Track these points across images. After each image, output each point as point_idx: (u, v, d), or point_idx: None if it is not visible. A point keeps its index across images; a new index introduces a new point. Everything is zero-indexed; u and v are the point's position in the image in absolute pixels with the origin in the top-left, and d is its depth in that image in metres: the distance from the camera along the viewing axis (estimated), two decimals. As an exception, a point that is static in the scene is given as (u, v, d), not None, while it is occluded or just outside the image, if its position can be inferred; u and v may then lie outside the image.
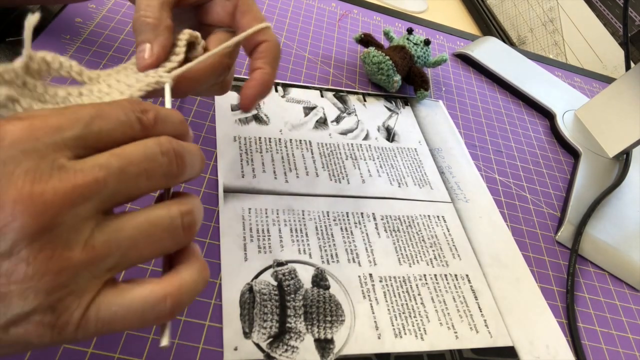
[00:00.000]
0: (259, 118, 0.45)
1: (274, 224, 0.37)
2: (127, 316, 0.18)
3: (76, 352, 0.27)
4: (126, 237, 0.18)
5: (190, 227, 0.20)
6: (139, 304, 0.18)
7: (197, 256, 0.21)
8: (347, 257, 0.37)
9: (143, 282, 0.19)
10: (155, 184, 0.19)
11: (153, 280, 0.19)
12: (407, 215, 0.42)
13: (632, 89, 0.57)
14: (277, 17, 0.59)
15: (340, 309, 0.34)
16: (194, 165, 0.21)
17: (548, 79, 0.67)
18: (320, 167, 0.43)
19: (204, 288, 0.19)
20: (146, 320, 0.19)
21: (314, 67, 0.54)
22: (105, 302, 0.18)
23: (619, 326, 0.41)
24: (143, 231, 0.18)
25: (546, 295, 0.40)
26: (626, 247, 0.47)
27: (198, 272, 0.20)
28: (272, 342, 0.30)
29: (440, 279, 0.38)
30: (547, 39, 1.67)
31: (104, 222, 0.18)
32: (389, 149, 0.47)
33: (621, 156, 0.57)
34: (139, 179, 0.18)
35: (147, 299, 0.18)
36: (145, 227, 0.18)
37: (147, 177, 0.19)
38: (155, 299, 0.19)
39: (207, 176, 0.39)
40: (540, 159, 0.55)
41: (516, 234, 0.45)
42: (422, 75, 0.53)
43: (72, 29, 0.45)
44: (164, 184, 0.20)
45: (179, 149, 0.20)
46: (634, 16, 0.59)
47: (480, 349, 0.35)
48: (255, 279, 0.33)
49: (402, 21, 0.69)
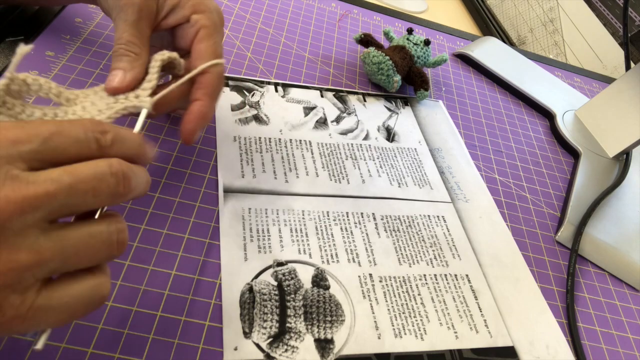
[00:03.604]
0: (259, 118, 0.45)
1: (274, 224, 0.37)
2: (62, 308, 0.20)
3: (76, 352, 0.27)
4: (69, 245, 0.20)
5: (123, 244, 0.22)
6: (72, 297, 0.21)
7: (102, 271, 0.22)
8: (347, 257, 0.37)
9: (75, 279, 0.21)
10: (101, 201, 0.21)
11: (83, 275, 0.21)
12: (407, 215, 0.42)
13: (632, 89, 0.57)
14: (277, 17, 0.59)
15: (340, 309, 0.34)
16: (139, 187, 0.23)
17: (548, 79, 0.67)
18: (320, 167, 0.43)
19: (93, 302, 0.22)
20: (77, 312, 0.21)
21: (314, 67, 0.54)
22: (45, 297, 0.20)
23: (619, 326, 0.41)
24: (84, 242, 0.20)
25: (546, 295, 0.40)
26: (626, 247, 0.47)
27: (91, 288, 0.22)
28: (272, 342, 0.30)
29: (440, 279, 0.38)
30: (547, 39, 1.67)
31: (50, 230, 0.19)
32: (389, 149, 0.47)
33: (621, 156, 0.57)
34: (86, 196, 0.20)
35: (82, 292, 0.21)
36: (86, 238, 0.21)
37: (94, 194, 0.20)
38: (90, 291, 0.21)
39: (207, 176, 0.39)
40: (540, 159, 0.55)
41: (516, 234, 0.45)
42: (422, 75, 0.53)
43: (72, 29, 0.45)
44: (109, 202, 0.22)
45: (128, 172, 0.22)
46: (634, 16, 0.59)
47: (480, 349, 0.35)
48: (255, 279, 0.33)
49: (402, 21, 0.69)
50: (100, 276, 0.22)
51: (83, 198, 0.20)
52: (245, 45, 0.52)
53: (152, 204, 0.35)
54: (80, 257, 0.20)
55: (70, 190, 0.19)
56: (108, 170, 0.21)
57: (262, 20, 0.57)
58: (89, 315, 0.28)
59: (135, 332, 0.29)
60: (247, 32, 0.54)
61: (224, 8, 0.56)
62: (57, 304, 0.20)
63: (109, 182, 0.21)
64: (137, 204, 0.35)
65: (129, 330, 0.29)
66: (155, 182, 0.37)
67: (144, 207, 0.35)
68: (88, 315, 0.23)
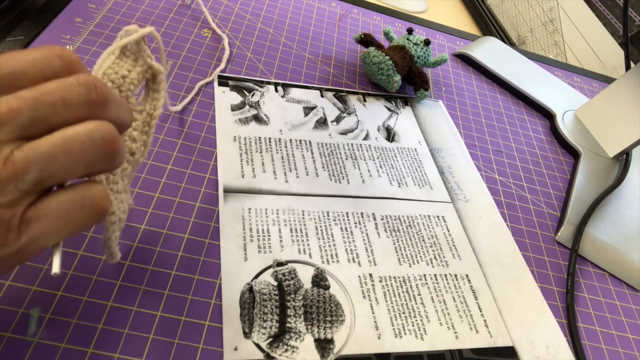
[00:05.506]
0: (259, 118, 0.45)
1: (274, 224, 0.37)
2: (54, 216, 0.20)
3: (76, 352, 0.27)
4: (44, 152, 0.19)
5: (112, 141, 0.21)
6: (62, 203, 0.21)
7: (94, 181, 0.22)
8: (347, 257, 0.37)
9: (65, 189, 0.21)
10: (75, 111, 0.20)
11: (74, 185, 0.22)
12: (407, 215, 0.42)
13: (632, 89, 0.57)
14: (277, 17, 0.59)
15: (340, 309, 0.34)
16: (118, 102, 0.22)
17: (548, 79, 0.67)
18: (320, 167, 0.43)
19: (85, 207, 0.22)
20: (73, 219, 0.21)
21: (314, 67, 0.54)
22: (36, 208, 0.20)
23: (619, 326, 0.41)
24: (59, 145, 0.20)
25: (546, 295, 0.40)
26: (626, 247, 0.47)
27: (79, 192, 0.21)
28: (272, 342, 0.30)
29: (440, 279, 0.38)
30: (547, 39, 1.67)
31: (23, 144, 0.19)
32: (389, 149, 0.47)
33: (621, 156, 0.57)
34: (55, 107, 0.20)
35: (72, 198, 0.21)
36: (60, 141, 0.20)
37: (64, 104, 0.20)
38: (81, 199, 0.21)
39: (207, 176, 0.39)
40: (540, 159, 0.55)
41: (516, 234, 0.45)
42: (422, 75, 0.53)
43: (72, 29, 0.45)
44: (86, 112, 0.21)
45: (99, 82, 0.21)
46: (634, 16, 0.59)
47: (480, 349, 0.35)
48: (255, 279, 0.33)
49: (402, 21, 0.69)
50: (90, 183, 0.22)
51: (53, 109, 0.20)
52: (245, 45, 0.52)
53: (152, 204, 0.35)
54: (61, 162, 0.20)
55: (35, 102, 0.19)
56: (75, 81, 0.20)
57: (262, 20, 0.57)
58: (89, 315, 0.29)
59: (135, 331, 0.29)
60: (247, 32, 0.54)
61: (224, 8, 0.56)
62: (49, 212, 0.20)
63: (78, 90, 0.20)
64: (137, 203, 0.35)
65: (129, 330, 0.29)
66: (155, 182, 0.37)
67: (144, 207, 0.35)
68: (90, 225, 0.22)
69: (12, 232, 0.19)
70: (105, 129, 0.21)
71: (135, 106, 0.26)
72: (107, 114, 0.21)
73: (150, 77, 0.27)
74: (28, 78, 0.20)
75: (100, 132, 0.21)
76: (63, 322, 0.28)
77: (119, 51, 0.25)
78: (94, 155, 0.21)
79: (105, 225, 0.25)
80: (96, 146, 0.20)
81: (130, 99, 0.26)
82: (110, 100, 0.21)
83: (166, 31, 0.50)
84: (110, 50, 0.25)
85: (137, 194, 0.36)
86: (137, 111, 0.27)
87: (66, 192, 0.21)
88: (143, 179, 0.36)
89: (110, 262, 0.27)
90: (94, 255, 0.31)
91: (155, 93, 0.28)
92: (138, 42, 0.26)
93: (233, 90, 0.46)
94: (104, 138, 0.21)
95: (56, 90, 0.20)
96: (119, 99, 0.22)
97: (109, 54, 0.25)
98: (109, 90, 0.22)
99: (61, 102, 0.20)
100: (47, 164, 0.19)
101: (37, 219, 0.20)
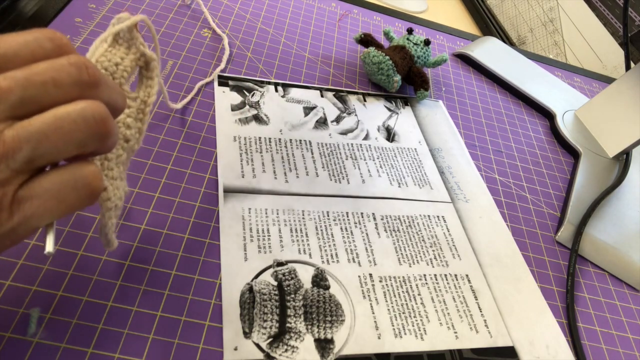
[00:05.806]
0: (259, 118, 0.45)
1: (274, 224, 0.37)
2: (46, 195, 0.20)
3: (76, 352, 0.27)
4: (35, 131, 0.19)
5: (103, 121, 0.21)
6: (54, 183, 0.21)
7: (87, 160, 0.22)
8: (347, 257, 0.37)
9: (57, 168, 0.21)
10: (66, 91, 0.20)
11: (66, 165, 0.21)
12: (407, 215, 0.42)
13: (632, 89, 0.57)
14: (277, 17, 0.59)
15: (340, 309, 0.34)
16: (110, 84, 0.22)
17: (548, 79, 0.67)
18: (320, 167, 0.43)
19: (77, 187, 0.21)
20: (65, 199, 0.21)
21: (314, 67, 0.54)
22: (28, 188, 0.20)
23: (618, 326, 0.41)
24: (51, 124, 0.20)
25: (546, 295, 0.40)
26: (626, 247, 0.47)
27: (70, 172, 0.21)
28: (272, 342, 0.30)
29: (440, 279, 0.38)
30: (547, 39, 1.67)
31: (14, 123, 0.19)
32: (389, 149, 0.47)
33: (621, 156, 0.57)
34: (46, 86, 0.20)
35: (63, 177, 0.21)
36: (52, 120, 0.20)
37: (54, 84, 0.20)
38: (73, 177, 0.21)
39: (207, 176, 0.39)
40: (540, 159, 0.55)
41: (516, 234, 0.45)
42: (422, 75, 0.53)
43: (72, 29, 0.45)
44: (77, 93, 0.21)
45: (90, 63, 0.21)
46: (634, 16, 0.59)
47: (480, 349, 0.35)
48: (255, 279, 0.33)
49: (402, 21, 0.69)
50: (83, 163, 0.22)
51: (43, 89, 0.20)
52: (245, 45, 0.52)
53: (152, 204, 0.35)
54: (52, 141, 0.20)
55: (25, 82, 0.19)
56: (66, 61, 0.20)
57: (262, 20, 0.57)
58: (89, 315, 0.29)
59: (135, 331, 0.29)
60: (247, 32, 0.54)
61: (224, 8, 0.56)
62: (41, 192, 0.20)
63: (69, 70, 0.20)
64: (137, 203, 0.35)
65: (129, 330, 0.29)
66: (155, 182, 0.37)
67: (144, 207, 0.35)
68: (83, 206, 0.22)
69: (4, 211, 0.19)
70: (97, 109, 0.21)
71: (129, 93, 0.26)
72: (98, 94, 0.21)
73: (144, 65, 0.27)
74: (19, 60, 0.20)
75: (91, 111, 0.20)
76: (63, 322, 0.28)
77: (112, 39, 0.25)
78: (85, 134, 0.21)
79: (102, 211, 0.25)
80: (87, 125, 0.20)
81: (124, 86, 0.26)
82: (101, 81, 0.21)
83: (166, 31, 0.50)
84: (102, 37, 0.25)
85: (137, 194, 0.36)
86: (131, 98, 0.26)
87: (58, 172, 0.21)
88: (143, 179, 0.36)
89: (107, 249, 0.27)
90: (94, 255, 0.31)
91: (148, 80, 0.28)
92: (130, 30, 0.26)
93: (233, 90, 0.46)
94: (95, 117, 0.21)
95: (47, 70, 0.20)
96: (110, 82, 0.22)
97: (101, 41, 0.25)
98: (100, 72, 0.21)
99: (52, 82, 0.20)
100: (38, 143, 0.19)
101: (29, 199, 0.20)
